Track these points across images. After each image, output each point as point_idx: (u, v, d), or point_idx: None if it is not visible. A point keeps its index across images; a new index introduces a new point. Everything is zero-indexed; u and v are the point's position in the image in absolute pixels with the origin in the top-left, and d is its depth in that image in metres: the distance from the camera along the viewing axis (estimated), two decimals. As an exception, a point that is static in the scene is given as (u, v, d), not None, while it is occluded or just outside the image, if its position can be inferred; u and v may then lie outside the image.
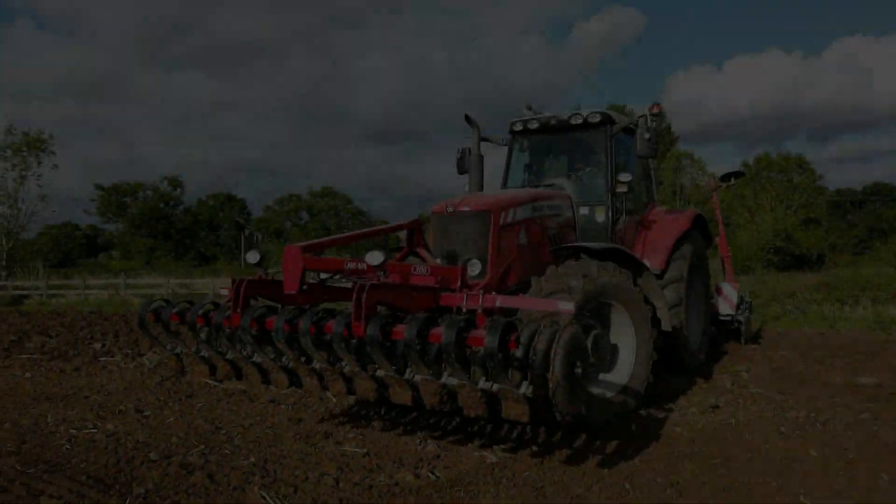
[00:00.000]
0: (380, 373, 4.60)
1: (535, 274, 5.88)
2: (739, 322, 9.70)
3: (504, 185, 8.53)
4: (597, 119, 7.61)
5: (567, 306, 4.55)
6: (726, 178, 11.38)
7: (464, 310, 4.81)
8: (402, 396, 4.60)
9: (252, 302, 5.14)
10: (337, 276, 5.74)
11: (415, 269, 5.30)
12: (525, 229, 6.45)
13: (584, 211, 7.55)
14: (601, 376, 5.94)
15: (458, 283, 5.08)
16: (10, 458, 5.02)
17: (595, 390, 5.70)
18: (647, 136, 7.13)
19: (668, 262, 7.63)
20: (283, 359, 4.98)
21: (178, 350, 5.53)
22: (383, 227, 7.01)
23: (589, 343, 5.20)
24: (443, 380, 4.37)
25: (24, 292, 26.69)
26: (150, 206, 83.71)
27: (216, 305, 5.32)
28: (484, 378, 4.24)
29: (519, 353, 4.13)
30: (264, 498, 4.25)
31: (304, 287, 5.01)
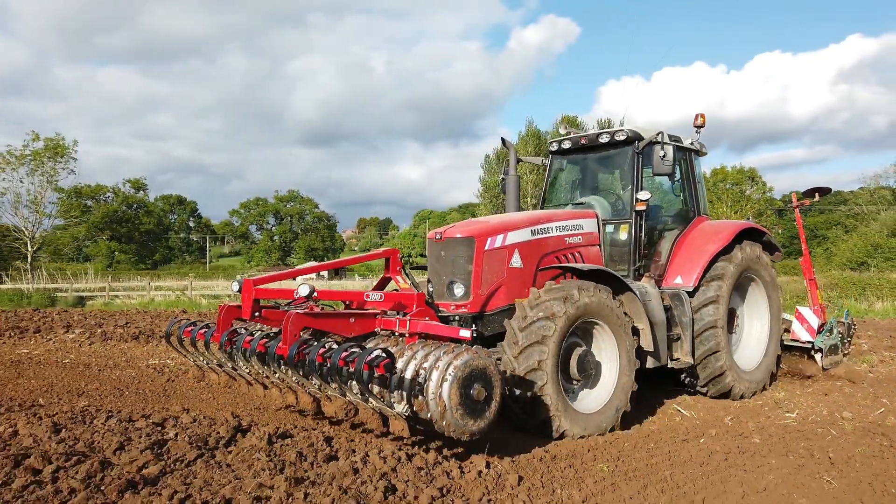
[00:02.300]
0: (311, 389, 5.31)
1: (532, 288, 6.34)
2: (820, 350, 8.95)
3: (542, 204, 8.81)
4: (622, 137, 7.68)
5: (465, 334, 5.02)
6: (810, 193, 10.02)
7: (396, 333, 5.46)
8: (330, 409, 5.10)
9: (236, 322, 6.07)
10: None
11: (368, 296, 6.13)
12: (520, 252, 6.65)
13: (610, 229, 7.71)
14: (584, 392, 6.46)
15: (414, 307, 5.78)
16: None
17: (576, 406, 6.18)
18: (661, 154, 7.20)
19: (701, 280, 7.56)
20: (249, 371, 5.90)
21: (198, 361, 6.43)
22: (360, 256, 7.59)
23: (573, 361, 6.08)
24: (348, 397, 4.97)
25: (83, 294, 27.78)
26: (114, 209, 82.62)
27: (208, 326, 6.22)
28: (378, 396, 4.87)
29: (407, 374, 4.71)
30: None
31: (258, 314, 5.64)
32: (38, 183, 35.51)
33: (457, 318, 6.31)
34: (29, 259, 35.57)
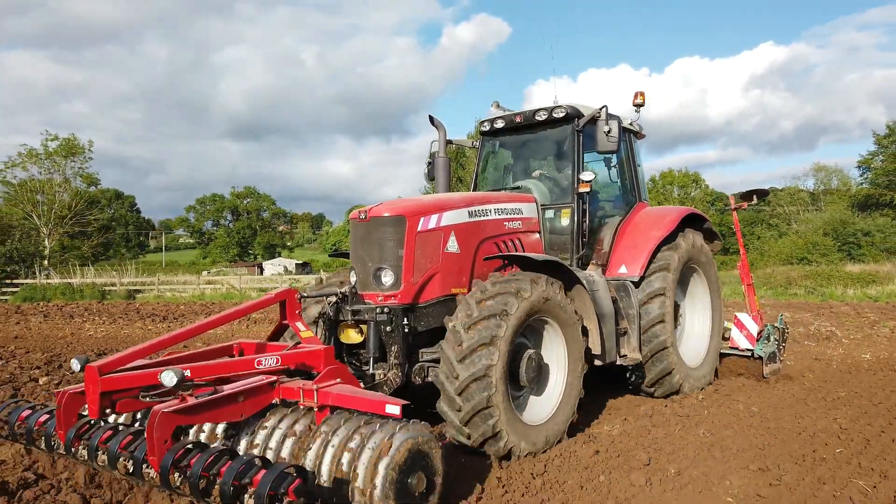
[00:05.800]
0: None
1: (477, 280, 5.68)
2: (760, 357, 8.66)
3: (474, 188, 8.19)
4: (562, 114, 7.18)
5: (394, 410, 3.97)
6: (748, 196, 9.72)
7: (301, 406, 4.35)
8: None
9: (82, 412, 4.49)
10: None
11: (260, 363, 4.81)
12: (457, 235, 5.95)
13: (549, 214, 7.19)
14: (532, 400, 5.81)
15: (322, 366, 4.75)
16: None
17: (522, 416, 5.48)
18: (606, 129, 6.68)
19: (647, 268, 7.16)
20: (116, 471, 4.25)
21: (52, 450, 4.71)
22: (249, 304, 5.59)
23: (522, 365, 5.32)
24: None
25: (133, 287, 29.47)
26: (68, 204, 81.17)
27: (51, 413, 4.72)
28: None
29: (324, 472, 3.78)
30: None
31: (108, 410, 4.25)
32: (60, 182, 36.49)
33: (386, 309, 5.44)
34: (47, 255, 36.51)
